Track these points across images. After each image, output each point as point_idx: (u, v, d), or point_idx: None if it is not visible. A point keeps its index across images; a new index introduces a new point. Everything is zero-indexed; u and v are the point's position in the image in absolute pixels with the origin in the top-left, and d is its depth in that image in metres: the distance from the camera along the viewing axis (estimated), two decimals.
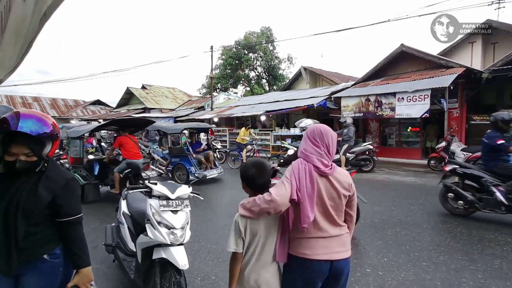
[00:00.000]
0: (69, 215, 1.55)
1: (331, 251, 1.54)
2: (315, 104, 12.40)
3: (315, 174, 1.55)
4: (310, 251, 1.53)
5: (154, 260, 2.28)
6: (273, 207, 1.48)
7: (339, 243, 1.57)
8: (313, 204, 1.52)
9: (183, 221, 2.34)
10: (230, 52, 27.88)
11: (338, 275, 1.57)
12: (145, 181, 6.40)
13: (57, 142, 1.58)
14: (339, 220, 1.60)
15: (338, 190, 1.56)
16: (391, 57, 11.96)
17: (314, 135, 1.64)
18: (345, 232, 1.62)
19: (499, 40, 13.47)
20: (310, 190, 1.53)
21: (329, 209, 1.56)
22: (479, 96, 11.29)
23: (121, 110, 25.48)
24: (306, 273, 1.55)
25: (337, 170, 1.60)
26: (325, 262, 1.52)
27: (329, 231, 1.56)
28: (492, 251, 3.48)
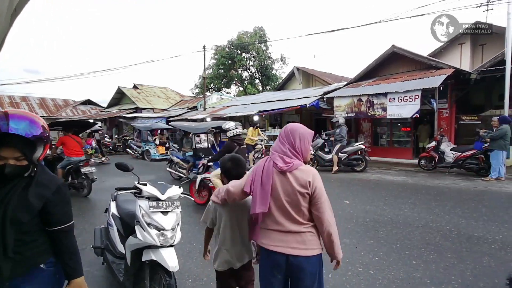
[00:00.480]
0: (61, 223, 1.46)
1: (287, 245, 1.62)
2: (308, 104, 12.46)
3: (274, 170, 1.67)
4: (267, 241, 1.68)
5: (144, 262, 2.25)
6: (229, 196, 1.81)
7: (297, 240, 1.63)
8: (264, 197, 1.64)
9: (173, 222, 2.31)
10: (223, 52, 27.81)
11: (298, 272, 1.63)
12: (84, 175, 6.46)
13: (48, 145, 1.49)
14: (298, 217, 1.64)
15: (294, 186, 1.62)
16: (382, 58, 12.09)
17: (282, 133, 1.75)
18: (306, 231, 1.65)
19: (487, 42, 13.75)
20: (262, 184, 1.66)
21: (285, 204, 1.64)
22: (468, 96, 11.50)
23: (112, 110, 25.16)
24: (265, 261, 1.71)
25: (299, 168, 1.65)
26: (280, 255, 1.63)
27: (285, 226, 1.64)
28: (480, 249, 3.54)
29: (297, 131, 1.71)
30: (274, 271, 1.66)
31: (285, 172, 1.64)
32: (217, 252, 1.99)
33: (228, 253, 1.95)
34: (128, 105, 24.13)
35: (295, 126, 1.76)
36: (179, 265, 2.26)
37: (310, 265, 1.63)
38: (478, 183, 7.08)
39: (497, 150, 7.20)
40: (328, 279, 2.94)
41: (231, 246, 1.95)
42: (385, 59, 12.07)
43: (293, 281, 1.68)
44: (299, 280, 1.64)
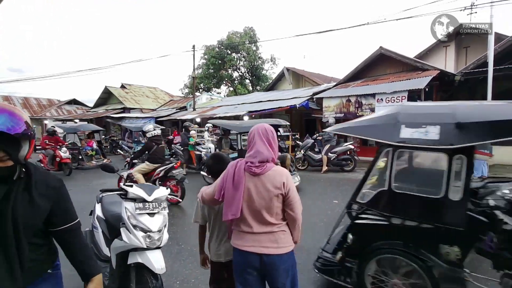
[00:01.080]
0: (68, 221, 1.37)
1: (259, 245, 1.66)
2: (298, 105, 12.54)
3: (246, 174, 1.67)
4: (241, 242, 1.72)
5: (130, 265, 2.22)
6: (204, 202, 1.92)
7: (270, 239, 1.68)
8: (236, 203, 1.65)
9: (160, 223, 2.29)
10: (212, 52, 27.66)
11: (272, 270, 1.67)
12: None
13: (34, 142, 1.30)
14: (271, 218, 1.67)
15: (268, 188, 1.64)
16: (370, 59, 12.29)
17: (256, 135, 1.73)
18: (279, 230, 1.70)
19: (471, 44, 14.17)
20: (234, 190, 1.67)
21: (258, 207, 1.66)
22: (453, 97, 11.81)
23: (99, 110, 24.70)
24: (239, 261, 1.74)
25: (271, 169, 1.67)
26: (253, 255, 1.67)
27: (258, 228, 1.68)
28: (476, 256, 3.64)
29: (268, 133, 1.74)
30: (249, 269, 1.70)
31: (259, 175, 1.66)
32: (208, 244, 2.13)
33: (217, 247, 2.05)
34: (115, 105, 23.72)
35: (266, 127, 1.76)
36: (167, 267, 2.25)
37: (283, 262, 1.69)
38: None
39: (479, 149, 7.44)
40: (317, 278, 2.97)
41: (219, 240, 2.05)
42: (373, 60, 12.27)
43: (268, 278, 1.73)
44: (274, 278, 1.69)
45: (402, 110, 2.45)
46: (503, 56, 9.75)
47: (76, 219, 1.41)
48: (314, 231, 4.24)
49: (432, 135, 2.05)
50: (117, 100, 23.42)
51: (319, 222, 4.67)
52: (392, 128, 2.23)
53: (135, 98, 24.30)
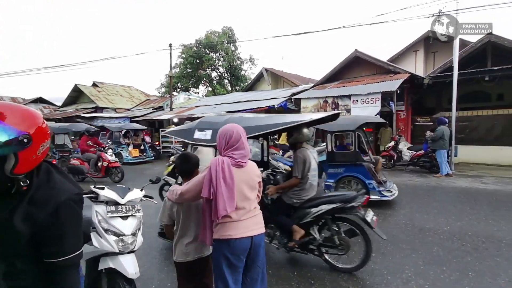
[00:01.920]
0: (59, 255, 1.07)
1: (250, 229, 1.88)
2: (276, 105, 12.63)
3: (233, 169, 1.82)
4: (234, 232, 1.83)
5: (101, 271, 2.12)
6: (183, 199, 1.97)
7: (256, 221, 1.93)
8: (231, 198, 1.78)
9: (134, 227, 2.21)
10: (190, 51, 27.21)
11: (258, 248, 1.91)
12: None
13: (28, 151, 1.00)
14: (254, 203, 1.95)
15: (253, 177, 1.93)
16: (346, 62, 12.65)
17: (234, 134, 1.89)
18: (258, 212, 1.99)
19: (438, 49, 15.00)
20: (227, 186, 1.77)
21: (247, 195, 1.88)
22: (422, 99, 12.44)
23: (68, 109, 23.44)
24: (232, 251, 1.82)
25: (250, 161, 1.96)
26: (246, 239, 1.84)
27: (247, 215, 1.89)
28: (431, 240, 3.84)
29: (242, 130, 1.94)
30: (241, 255, 1.85)
31: (243, 167, 1.88)
32: (175, 244, 2.13)
33: (185, 246, 2.08)
34: (86, 104, 22.62)
35: (238, 126, 1.94)
36: (141, 271, 2.17)
37: (263, 240, 1.98)
38: (431, 180, 7.68)
39: (439, 149, 7.91)
40: (293, 276, 3.00)
41: (189, 239, 2.08)
42: (349, 62, 12.64)
43: (252, 257, 1.90)
44: (257, 255, 1.91)
45: (201, 120, 3.39)
46: (467, 61, 10.41)
47: (72, 252, 1.10)
48: None
49: (208, 136, 3.02)
50: (89, 99, 22.34)
51: None
52: (191, 132, 3.18)
53: (108, 97, 23.32)
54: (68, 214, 1.09)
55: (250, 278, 1.93)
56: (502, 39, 9.56)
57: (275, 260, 3.40)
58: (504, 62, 9.71)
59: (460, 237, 3.92)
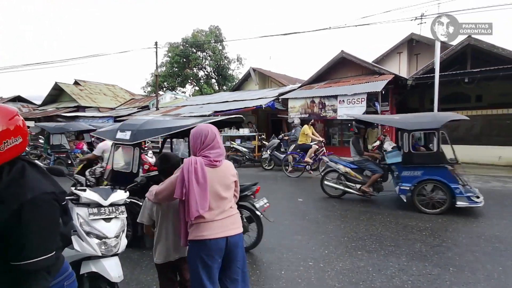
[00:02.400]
0: (22, 258, 1.00)
1: (226, 229, 1.85)
2: (264, 105, 12.66)
3: (206, 169, 1.81)
4: (209, 232, 1.80)
5: (83, 275, 2.05)
6: (158, 199, 1.98)
7: (232, 221, 1.90)
8: (204, 198, 1.77)
9: (117, 229, 2.15)
10: (177, 50, 26.87)
11: (234, 248, 1.88)
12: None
13: None
14: (230, 203, 1.93)
15: (228, 176, 1.92)
16: (333, 62, 12.81)
17: (212, 134, 1.91)
18: (235, 213, 1.97)
19: (421, 52, 15.44)
20: (200, 186, 1.77)
21: (222, 194, 1.86)
22: (406, 100, 12.77)
23: (48, 109, 22.67)
24: (207, 251, 1.80)
25: (225, 161, 1.95)
26: (222, 239, 1.82)
27: (222, 215, 1.87)
28: (414, 236, 3.95)
29: (217, 131, 1.96)
30: (216, 256, 1.83)
31: (218, 167, 1.87)
32: (155, 245, 2.13)
33: (166, 246, 2.09)
34: (67, 103, 21.94)
35: (213, 127, 1.96)
36: (126, 275, 2.13)
37: (241, 240, 1.94)
38: None
39: None
40: (281, 275, 3.01)
41: (169, 239, 2.09)
42: (335, 63, 12.81)
43: (229, 258, 1.88)
44: (234, 255, 1.89)
45: (123, 123, 3.94)
46: (448, 63, 10.76)
47: (34, 257, 1.01)
48: (279, 229, 4.29)
49: (127, 136, 3.58)
50: (70, 98, 21.68)
51: (284, 221, 4.74)
52: (114, 132, 3.73)
53: (91, 96, 22.70)
54: (34, 214, 1.03)
55: (229, 278, 1.90)
56: (481, 42, 9.93)
57: (263, 260, 3.40)
58: (483, 64, 10.10)
59: (441, 233, 4.05)
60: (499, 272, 2.97)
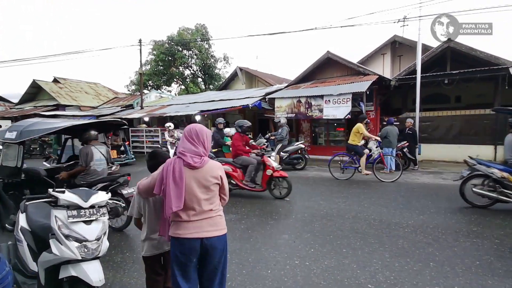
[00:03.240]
0: None
1: (201, 230, 1.87)
2: (250, 105, 12.63)
3: (185, 169, 1.86)
4: (183, 231, 1.87)
5: (62, 280, 1.98)
6: (140, 192, 2.10)
7: (210, 224, 1.91)
8: (179, 195, 1.82)
9: (98, 231, 2.09)
10: (162, 48, 26.39)
11: (211, 250, 1.89)
12: None
13: None
14: (209, 205, 1.92)
15: (208, 179, 1.90)
16: (319, 62, 12.95)
17: (192, 135, 1.94)
18: (216, 215, 1.95)
19: (404, 53, 15.87)
20: (176, 184, 1.82)
21: (199, 196, 1.87)
22: (390, 100, 13.09)
23: (26, 107, 21.77)
24: (181, 250, 1.87)
25: (208, 163, 1.94)
26: (195, 240, 1.85)
27: (198, 216, 1.88)
28: (397, 233, 4.04)
29: (204, 131, 1.97)
30: (191, 256, 1.87)
31: (198, 168, 1.88)
32: (145, 239, 2.19)
33: (154, 240, 2.15)
34: (46, 101, 21.08)
35: (201, 126, 1.99)
36: (108, 278, 2.07)
37: (220, 243, 1.93)
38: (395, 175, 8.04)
39: (384, 147, 8.46)
40: (267, 275, 3.01)
41: (157, 234, 2.13)
42: (321, 63, 12.95)
43: (205, 259, 1.91)
44: (211, 257, 1.90)
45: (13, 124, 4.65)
46: (429, 65, 11.12)
47: None
48: (266, 229, 4.29)
49: (13, 135, 4.08)
50: (49, 96, 20.84)
51: (271, 220, 4.75)
52: (4, 132, 4.25)
53: (72, 94, 21.94)
54: None
55: (206, 279, 1.95)
56: (460, 45, 10.31)
57: (249, 259, 3.38)
58: (462, 66, 10.49)
59: (423, 230, 4.17)
60: (476, 267, 3.09)
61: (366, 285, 2.79)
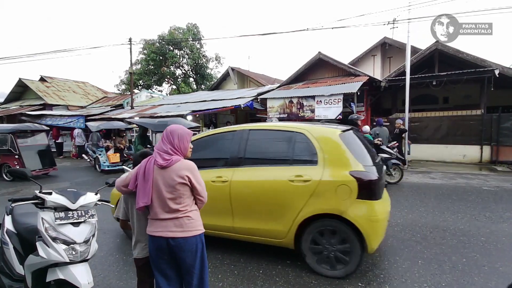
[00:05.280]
0: None
1: (166, 230, 1.91)
2: (242, 105, 12.62)
3: (154, 168, 1.93)
4: (152, 229, 1.95)
5: (49, 283, 1.94)
6: (117, 187, 2.14)
7: (175, 224, 1.92)
8: (145, 193, 1.91)
9: (86, 233, 2.05)
10: (153, 47, 26.12)
11: (179, 252, 1.91)
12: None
13: None
14: (176, 206, 1.92)
15: (174, 178, 1.90)
16: (310, 63, 13.04)
17: (164, 134, 2.01)
18: (183, 216, 1.94)
19: (393, 55, 16.14)
20: (144, 181, 1.93)
21: (165, 196, 1.90)
22: (380, 101, 13.28)
23: (11, 106, 21.19)
24: (151, 246, 1.98)
25: (177, 163, 1.93)
26: (160, 238, 1.91)
27: (164, 215, 1.92)
28: (387, 232, 4.07)
29: (175, 132, 1.99)
30: (159, 253, 1.94)
31: (166, 167, 1.91)
32: (136, 242, 2.16)
33: (145, 241, 2.10)
34: (33, 100, 20.56)
35: (174, 127, 2.02)
36: (98, 280, 2.04)
37: (188, 245, 1.92)
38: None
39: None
40: (259, 275, 3.01)
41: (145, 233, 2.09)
42: (313, 64, 13.05)
43: (178, 261, 1.95)
44: (181, 259, 1.93)
45: None
46: (418, 66, 11.33)
47: None
48: None
49: None
50: (35, 95, 20.32)
51: None
52: None
53: (59, 93, 21.47)
54: None
55: (184, 280, 2.01)
56: (448, 47, 10.54)
57: (241, 259, 3.38)
58: (449, 68, 10.73)
59: (411, 228, 4.25)
60: (463, 264, 3.17)
61: (356, 283, 2.83)
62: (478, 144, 10.21)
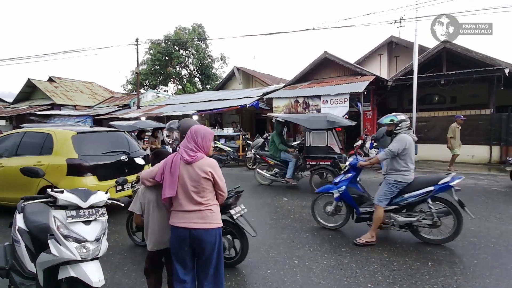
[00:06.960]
0: None
1: (189, 221, 2.05)
2: (248, 105, 12.63)
3: (181, 163, 2.08)
4: (174, 220, 2.09)
5: (61, 281, 1.95)
6: (143, 179, 2.25)
7: (198, 216, 2.06)
8: (171, 185, 2.05)
9: (97, 232, 2.06)
10: (158, 47, 26.27)
11: (200, 242, 2.05)
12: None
13: None
14: (199, 199, 2.06)
15: (199, 174, 2.05)
16: (316, 63, 12.99)
17: (188, 133, 2.16)
18: (206, 209, 2.09)
19: (400, 54, 15.98)
20: (171, 173, 2.07)
21: (189, 189, 2.05)
22: (386, 100, 13.16)
23: (20, 106, 21.55)
24: (173, 237, 2.11)
25: (201, 159, 2.09)
26: (183, 229, 2.05)
27: (188, 206, 2.06)
28: (394, 232, 4.05)
29: (199, 131, 2.15)
30: (181, 244, 2.06)
31: (191, 163, 2.06)
32: (150, 235, 2.26)
33: (160, 234, 2.23)
34: (41, 100, 20.91)
35: (198, 127, 2.20)
36: (107, 279, 2.05)
37: (209, 236, 2.07)
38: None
39: (380, 148, 8.54)
40: (266, 275, 3.01)
41: (161, 226, 2.23)
42: (319, 64, 13.00)
43: (197, 251, 2.09)
44: (201, 249, 2.07)
45: None
46: (425, 66, 11.19)
47: None
48: (264, 229, 4.29)
49: None
50: (44, 95, 20.67)
51: (269, 220, 4.75)
52: None
53: (67, 94, 21.76)
54: None
55: (201, 270, 2.14)
56: (456, 46, 10.39)
57: (249, 259, 3.36)
58: (457, 67, 10.58)
59: None
60: (474, 265, 3.12)
61: (366, 284, 2.80)
62: (487, 144, 10.04)
